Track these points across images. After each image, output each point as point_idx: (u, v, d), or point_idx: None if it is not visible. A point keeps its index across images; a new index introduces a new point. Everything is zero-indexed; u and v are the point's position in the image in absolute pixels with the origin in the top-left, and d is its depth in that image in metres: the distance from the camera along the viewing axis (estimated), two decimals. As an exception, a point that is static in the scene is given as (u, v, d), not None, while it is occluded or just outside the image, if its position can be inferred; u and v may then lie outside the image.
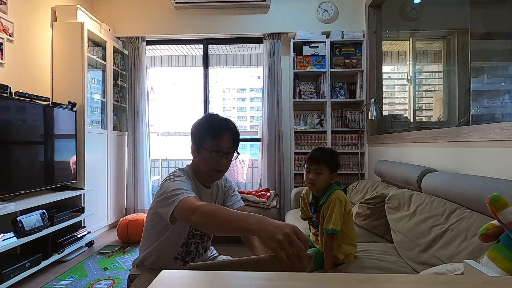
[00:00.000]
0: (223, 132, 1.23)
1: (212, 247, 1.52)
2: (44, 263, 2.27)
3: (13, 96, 2.30)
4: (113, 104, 3.53)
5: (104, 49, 3.42)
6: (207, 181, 1.31)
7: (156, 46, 4.15)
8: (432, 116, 3.43)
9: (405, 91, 3.76)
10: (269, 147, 3.61)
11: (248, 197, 2.94)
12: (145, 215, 3.13)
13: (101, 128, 3.37)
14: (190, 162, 1.33)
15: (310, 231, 1.71)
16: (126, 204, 3.78)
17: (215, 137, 1.21)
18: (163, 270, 0.58)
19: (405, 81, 3.74)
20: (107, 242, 3.01)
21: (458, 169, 1.77)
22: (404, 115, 3.69)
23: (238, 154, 1.29)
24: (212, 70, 4.91)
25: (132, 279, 1.32)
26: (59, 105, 2.72)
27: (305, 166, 1.57)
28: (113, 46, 3.54)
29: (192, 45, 4.24)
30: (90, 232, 2.88)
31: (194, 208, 0.98)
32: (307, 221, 1.74)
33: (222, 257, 1.48)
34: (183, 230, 1.25)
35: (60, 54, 3.03)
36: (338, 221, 1.45)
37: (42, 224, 2.27)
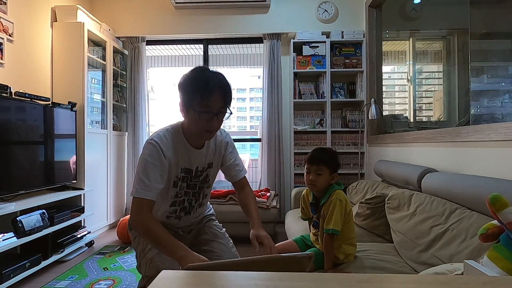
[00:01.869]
0: (213, 91, 1.13)
1: (210, 206, 1.56)
2: (44, 263, 2.27)
3: (13, 96, 2.30)
4: (113, 104, 3.52)
5: (104, 49, 3.42)
6: (198, 141, 1.27)
7: (156, 46, 4.15)
8: (432, 116, 3.43)
9: (405, 91, 3.76)
10: (269, 147, 3.61)
11: (248, 197, 2.94)
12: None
13: (101, 128, 3.36)
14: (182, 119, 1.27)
15: (310, 231, 1.71)
16: (126, 204, 3.78)
17: (204, 97, 1.13)
18: (163, 270, 0.58)
19: (405, 81, 3.74)
20: (107, 242, 3.01)
21: (458, 169, 1.76)
22: (404, 115, 3.69)
23: (231, 113, 1.20)
24: (212, 70, 4.90)
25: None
26: (59, 105, 2.72)
27: (305, 166, 1.55)
28: (113, 46, 3.53)
29: (192, 45, 4.24)
30: (90, 232, 2.88)
31: (138, 216, 1.14)
32: (307, 221, 1.74)
33: (215, 223, 1.52)
34: (166, 195, 1.28)
35: (60, 54, 3.03)
36: (339, 221, 1.44)
37: (42, 224, 2.27)
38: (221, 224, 1.53)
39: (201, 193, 1.37)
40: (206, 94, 1.13)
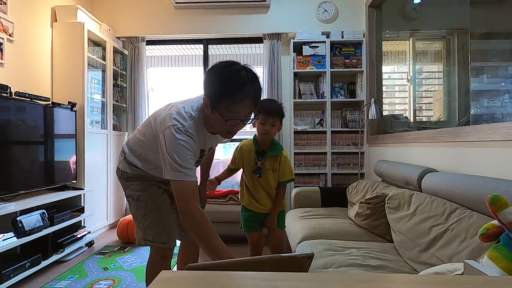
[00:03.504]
0: (245, 98, 1.07)
1: None
2: (44, 263, 2.27)
3: (13, 96, 2.30)
4: (113, 104, 3.52)
5: (104, 49, 3.42)
6: (214, 130, 1.28)
7: (156, 46, 4.15)
8: (432, 116, 3.43)
9: (405, 91, 3.76)
10: (269, 147, 3.60)
11: (248, 197, 2.94)
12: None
13: (101, 128, 3.36)
14: (202, 100, 1.20)
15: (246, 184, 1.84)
16: (126, 204, 3.78)
17: (234, 104, 1.06)
18: (163, 271, 0.58)
19: (405, 81, 3.74)
20: (107, 242, 3.01)
21: (458, 169, 1.76)
22: (404, 115, 3.69)
23: (257, 118, 1.22)
24: (212, 70, 4.88)
25: (124, 177, 1.42)
26: (59, 105, 2.72)
27: (259, 118, 1.63)
28: (113, 46, 3.53)
29: (192, 45, 4.24)
30: (90, 232, 2.88)
31: (184, 203, 1.10)
32: (233, 171, 1.92)
33: None
34: None
35: (60, 54, 3.03)
36: (292, 172, 1.85)
37: (42, 224, 2.27)
38: None
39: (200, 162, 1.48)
40: (237, 101, 1.06)
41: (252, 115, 1.17)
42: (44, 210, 2.33)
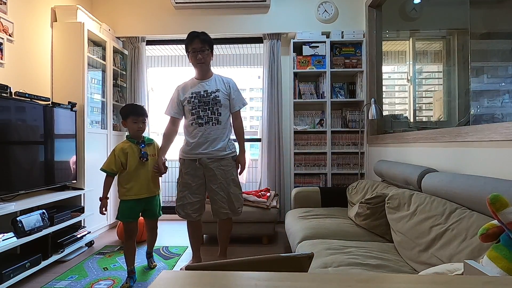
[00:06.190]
0: (193, 40, 2.14)
1: (233, 148, 2.29)
2: (44, 263, 2.27)
3: (13, 96, 2.30)
4: (113, 104, 3.52)
5: (104, 49, 3.42)
6: (201, 75, 2.23)
7: (156, 46, 4.15)
8: (432, 116, 3.43)
9: (405, 91, 3.76)
10: (269, 147, 3.61)
11: (248, 197, 2.94)
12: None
13: (101, 128, 3.36)
14: None
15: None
16: (126, 204, 3.77)
17: (189, 44, 2.15)
18: (163, 271, 0.58)
19: (405, 81, 3.74)
20: (107, 242, 3.01)
21: (458, 169, 1.77)
22: (404, 115, 3.69)
23: (208, 49, 2.17)
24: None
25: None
26: (59, 105, 2.72)
27: (131, 118, 2.13)
28: (113, 46, 3.53)
29: (192, 45, 4.23)
30: (90, 232, 2.88)
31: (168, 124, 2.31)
32: (113, 176, 2.15)
33: (231, 179, 2.24)
34: (187, 110, 2.21)
35: (60, 54, 3.03)
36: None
37: (42, 224, 2.27)
38: (237, 180, 2.29)
39: (213, 108, 2.17)
40: (189, 42, 2.15)
41: (206, 49, 2.17)
42: (44, 210, 2.33)
